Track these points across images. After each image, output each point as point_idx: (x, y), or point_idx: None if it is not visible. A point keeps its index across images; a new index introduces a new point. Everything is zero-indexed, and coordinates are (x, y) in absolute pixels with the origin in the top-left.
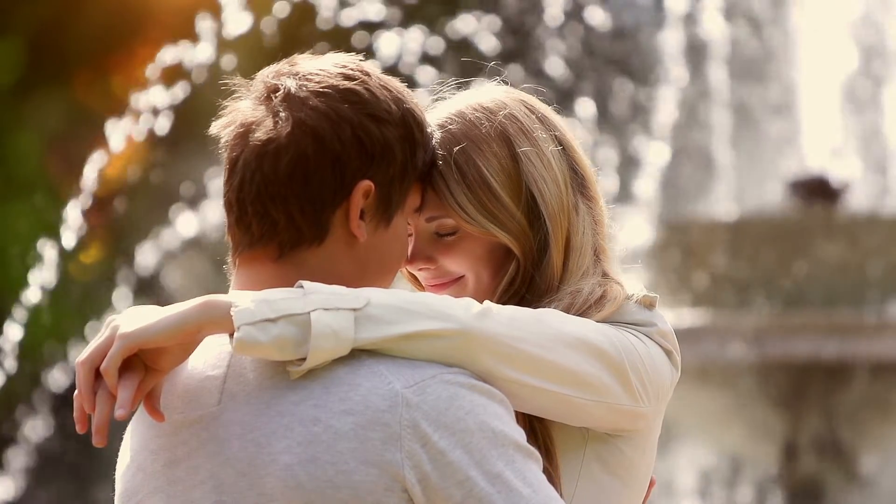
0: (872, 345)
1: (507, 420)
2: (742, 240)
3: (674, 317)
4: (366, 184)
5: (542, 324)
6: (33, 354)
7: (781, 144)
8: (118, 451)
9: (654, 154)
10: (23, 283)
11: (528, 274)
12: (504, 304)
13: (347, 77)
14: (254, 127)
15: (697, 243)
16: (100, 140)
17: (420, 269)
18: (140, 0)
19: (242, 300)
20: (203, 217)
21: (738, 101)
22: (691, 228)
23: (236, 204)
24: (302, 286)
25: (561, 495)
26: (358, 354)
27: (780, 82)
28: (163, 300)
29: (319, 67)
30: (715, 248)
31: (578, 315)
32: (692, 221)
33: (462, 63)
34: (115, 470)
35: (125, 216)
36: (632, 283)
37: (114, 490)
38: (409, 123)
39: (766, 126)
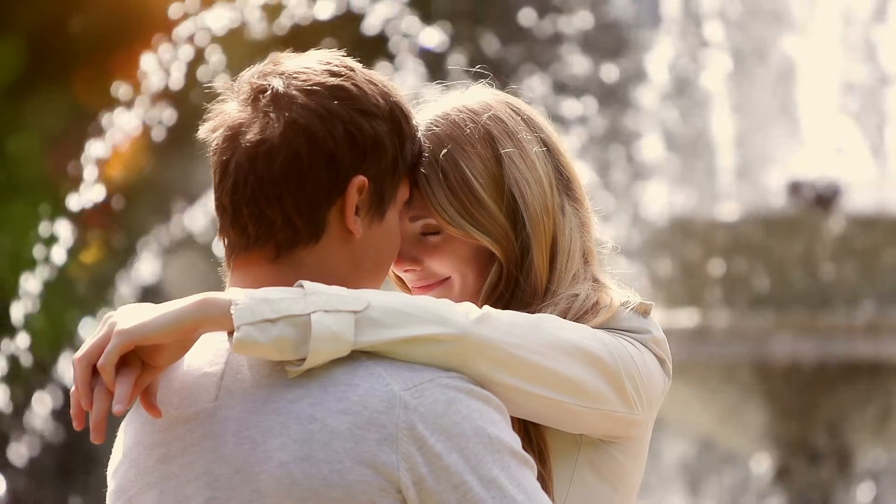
0: (871, 345)
1: (503, 426)
2: (743, 240)
3: (673, 317)
4: (360, 179)
5: (540, 330)
6: (33, 352)
7: (782, 144)
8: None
9: (653, 152)
10: (22, 283)
11: (512, 277)
12: (489, 307)
13: (333, 73)
14: (243, 129)
15: (698, 243)
16: (98, 139)
17: (406, 271)
18: (140, 0)
19: (242, 299)
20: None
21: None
22: (691, 228)
23: (230, 206)
24: (302, 286)
25: (553, 500)
26: (356, 355)
27: (780, 81)
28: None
29: (304, 65)
30: (716, 248)
31: (574, 320)
32: (693, 221)
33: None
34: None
35: (125, 216)
36: (620, 287)
37: (106, 486)
38: (397, 116)
39: (766, 126)
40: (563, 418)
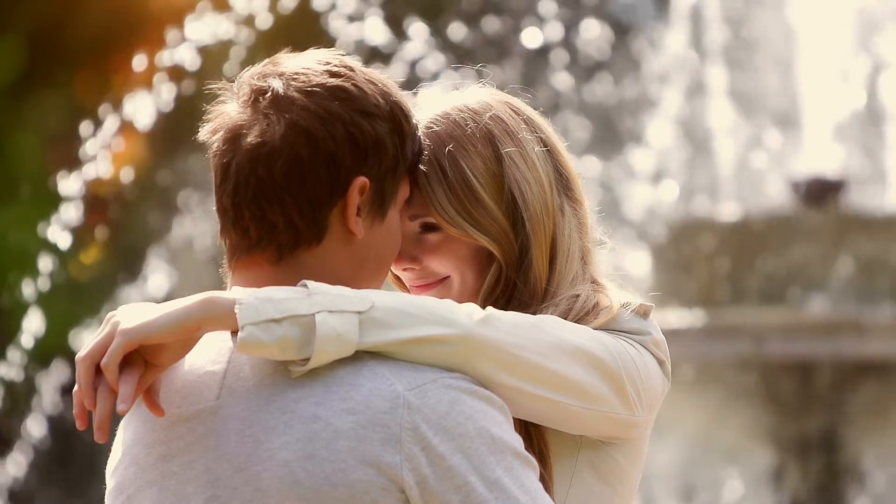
0: (875, 345)
1: (505, 427)
2: (743, 240)
3: (674, 317)
4: (361, 180)
5: (542, 331)
6: (33, 352)
7: (783, 144)
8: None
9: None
10: (22, 283)
11: (511, 277)
12: (492, 307)
13: (333, 74)
14: (244, 131)
15: (698, 243)
16: (98, 139)
17: (405, 270)
18: (140, 0)
19: (246, 298)
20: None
21: (737, 100)
22: (692, 228)
23: (232, 209)
24: (306, 286)
25: (553, 501)
26: (360, 355)
27: (780, 78)
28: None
29: (304, 66)
30: (717, 248)
31: (575, 321)
32: (692, 222)
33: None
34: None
35: (125, 216)
36: (616, 289)
37: (104, 486)
38: (397, 116)
39: (766, 126)
40: (563, 419)
